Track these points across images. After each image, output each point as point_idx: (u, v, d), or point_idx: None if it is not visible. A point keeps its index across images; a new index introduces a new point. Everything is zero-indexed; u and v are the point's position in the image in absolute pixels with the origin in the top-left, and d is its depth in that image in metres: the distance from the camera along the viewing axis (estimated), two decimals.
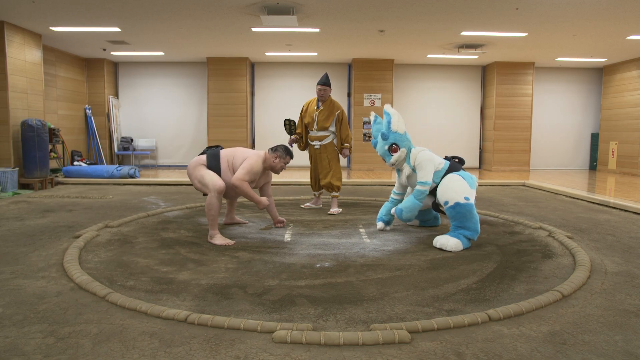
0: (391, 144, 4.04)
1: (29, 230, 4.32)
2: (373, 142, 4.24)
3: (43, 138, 7.32)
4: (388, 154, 4.07)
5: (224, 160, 4.03)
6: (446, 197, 3.79)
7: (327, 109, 5.16)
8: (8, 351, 1.98)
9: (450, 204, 3.76)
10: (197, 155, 4.17)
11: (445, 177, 3.94)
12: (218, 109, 10.50)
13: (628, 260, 3.45)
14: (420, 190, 3.95)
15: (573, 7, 6.09)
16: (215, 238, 3.86)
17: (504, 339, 2.13)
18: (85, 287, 2.73)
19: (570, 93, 11.49)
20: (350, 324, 2.28)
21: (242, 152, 4.10)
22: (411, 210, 3.98)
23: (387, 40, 8.32)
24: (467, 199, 3.75)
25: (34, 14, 6.65)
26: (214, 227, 3.89)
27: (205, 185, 3.89)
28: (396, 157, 4.05)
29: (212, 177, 3.88)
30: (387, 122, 4.06)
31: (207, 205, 3.84)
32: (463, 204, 3.72)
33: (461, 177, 3.88)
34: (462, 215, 3.73)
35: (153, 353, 1.97)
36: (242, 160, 4.01)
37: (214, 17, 6.76)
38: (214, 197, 3.82)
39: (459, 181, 3.85)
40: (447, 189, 3.81)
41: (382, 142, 4.08)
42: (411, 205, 3.97)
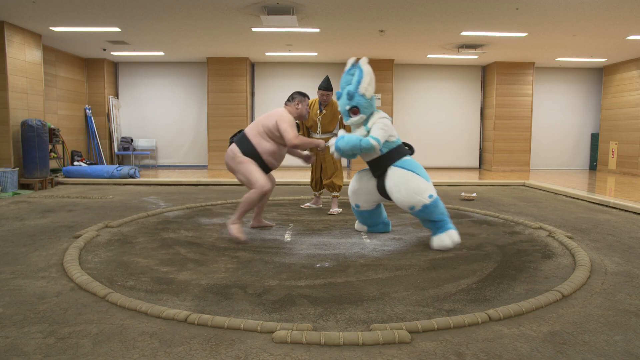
0: (353, 106, 3.79)
1: (29, 230, 4.32)
2: (338, 93, 3.89)
3: (43, 138, 7.32)
4: (347, 114, 3.86)
5: (253, 135, 3.97)
6: (410, 203, 3.63)
7: (330, 113, 5.17)
8: (8, 351, 1.98)
9: (418, 208, 3.63)
10: (230, 146, 4.06)
11: (395, 174, 3.73)
12: (218, 109, 10.50)
13: (628, 260, 3.45)
14: (370, 143, 3.66)
15: (573, 7, 6.09)
16: (233, 227, 3.86)
17: (504, 339, 2.13)
18: (85, 287, 2.73)
19: (570, 93, 11.49)
20: (351, 324, 2.28)
21: (266, 117, 4.01)
22: (348, 144, 3.70)
23: (387, 40, 8.32)
24: (431, 197, 3.62)
25: (34, 14, 6.65)
26: (240, 217, 3.90)
27: (252, 182, 3.86)
28: (354, 120, 3.84)
29: (260, 176, 3.85)
30: (357, 81, 3.76)
31: (247, 199, 3.84)
32: (430, 204, 3.61)
33: (412, 171, 3.69)
34: (432, 212, 3.65)
35: (153, 353, 1.97)
36: (273, 122, 3.92)
37: (214, 17, 6.76)
38: (255, 195, 3.82)
39: (416, 180, 3.65)
40: (409, 193, 3.61)
41: (345, 100, 3.80)
42: (353, 142, 3.69)
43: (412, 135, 11.23)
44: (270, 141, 3.97)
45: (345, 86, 3.88)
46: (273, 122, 3.93)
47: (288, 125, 3.88)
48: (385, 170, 3.85)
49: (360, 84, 3.74)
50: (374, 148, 3.70)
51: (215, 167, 10.59)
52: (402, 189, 3.65)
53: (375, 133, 3.72)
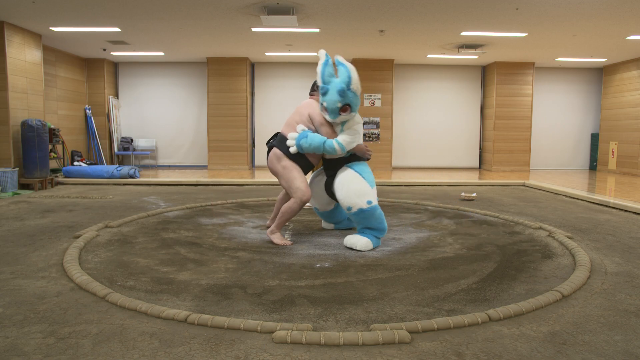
0: (345, 104, 3.61)
1: (29, 230, 4.32)
2: (324, 88, 3.65)
3: (43, 138, 7.32)
4: (337, 112, 3.64)
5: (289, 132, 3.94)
6: (349, 203, 3.65)
7: None
8: (8, 351, 1.98)
9: (354, 210, 3.66)
10: (272, 150, 4.02)
11: (344, 173, 3.74)
12: (218, 109, 10.50)
13: (628, 260, 3.45)
14: (333, 146, 3.66)
15: (573, 7, 6.09)
16: (275, 236, 3.87)
17: (504, 339, 2.13)
18: (85, 287, 2.73)
19: (570, 93, 11.49)
20: (350, 324, 2.28)
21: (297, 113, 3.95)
22: (311, 145, 3.70)
23: (387, 40, 8.32)
24: (369, 203, 3.64)
25: (34, 14, 6.65)
26: (280, 227, 3.91)
27: (294, 190, 3.83)
28: (343, 118, 3.68)
29: (302, 185, 3.82)
30: (348, 78, 3.58)
31: (287, 208, 3.83)
32: (366, 209, 3.63)
33: (360, 174, 3.71)
34: (367, 219, 3.67)
35: (153, 353, 1.97)
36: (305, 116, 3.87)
37: (214, 17, 6.76)
38: (296, 205, 3.81)
39: (360, 183, 3.67)
40: (349, 194, 3.64)
41: (336, 97, 3.58)
42: (316, 143, 3.69)
43: (412, 136, 11.25)
44: None
45: (330, 80, 3.65)
46: (305, 117, 3.89)
47: (323, 119, 3.82)
48: (336, 170, 3.89)
49: (351, 82, 3.59)
50: (336, 152, 3.71)
51: (215, 167, 10.59)
52: (344, 188, 3.69)
53: (342, 138, 3.69)
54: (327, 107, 3.66)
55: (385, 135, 10.67)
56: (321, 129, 3.82)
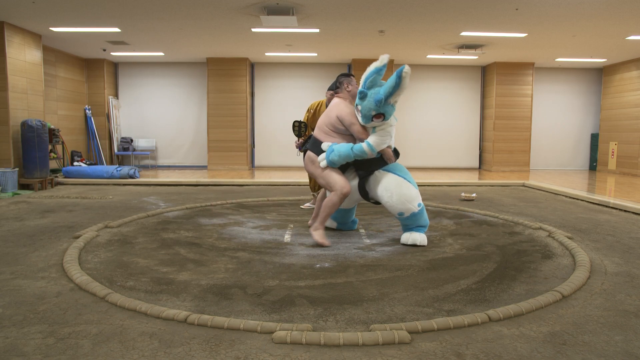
0: (380, 113, 3.61)
1: (29, 230, 4.32)
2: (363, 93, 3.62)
3: (43, 138, 7.32)
4: (370, 119, 3.64)
5: (322, 137, 3.94)
6: (400, 209, 3.71)
7: None
8: (8, 352, 1.98)
9: (406, 215, 3.73)
10: (307, 154, 4.01)
11: (388, 179, 3.77)
12: (218, 109, 10.49)
13: (628, 260, 3.45)
14: (362, 149, 3.67)
15: (573, 7, 6.09)
16: (317, 233, 3.85)
17: (503, 339, 2.13)
18: (85, 288, 2.73)
19: (570, 93, 11.49)
20: (350, 325, 2.28)
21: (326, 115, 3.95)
22: (340, 156, 3.72)
23: (387, 40, 8.31)
24: (420, 205, 3.74)
25: (34, 15, 6.65)
26: (323, 222, 3.89)
27: (332, 185, 3.82)
28: (374, 124, 3.69)
29: (339, 179, 3.81)
30: (391, 90, 3.55)
31: (328, 202, 3.82)
32: (417, 212, 3.73)
33: (404, 178, 3.76)
34: (417, 219, 3.76)
35: (153, 353, 1.97)
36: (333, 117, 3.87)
37: (214, 17, 6.76)
38: (337, 198, 3.79)
39: (408, 187, 3.72)
40: (401, 200, 3.68)
41: (373, 105, 3.58)
42: (345, 153, 3.72)
43: (412, 136, 11.24)
44: (337, 136, 3.91)
45: (372, 87, 3.64)
46: (334, 118, 3.89)
47: (352, 118, 3.81)
48: (370, 172, 3.87)
49: (393, 95, 3.58)
50: (366, 154, 3.71)
51: (215, 167, 10.59)
52: (393, 194, 3.71)
53: (372, 139, 3.70)
54: (361, 110, 3.67)
55: None
56: (352, 128, 3.81)
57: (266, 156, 11.31)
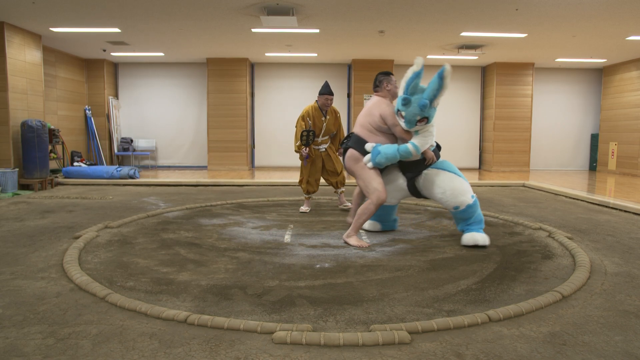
0: (424, 117, 3.67)
1: (29, 231, 4.32)
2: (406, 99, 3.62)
3: (43, 139, 7.32)
4: (414, 123, 3.69)
5: (365, 135, 3.96)
6: (455, 203, 3.79)
7: (332, 116, 5.35)
8: (8, 352, 1.98)
9: (462, 208, 3.80)
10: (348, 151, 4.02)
11: (438, 176, 3.85)
12: (218, 109, 10.49)
13: (628, 260, 3.45)
14: (408, 150, 3.74)
15: (573, 8, 6.10)
16: (351, 238, 3.87)
17: (503, 339, 2.13)
18: (85, 288, 2.73)
19: (570, 94, 11.49)
20: (350, 325, 2.28)
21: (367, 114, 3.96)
22: (387, 158, 3.79)
23: (387, 40, 8.32)
24: (473, 197, 3.82)
25: (34, 15, 6.65)
26: (357, 229, 3.90)
27: (371, 191, 3.85)
28: (418, 128, 3.75)
29: (379, 186, 3.84)
30: (435, 92, 3.62)
31: (364, 209, 3.85)
32: (472, 204, 3.81)
33: (454, 172, 3.86)
34: (473, 212, 3.83)
35: (153, 354, 1.97)
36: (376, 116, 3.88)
37: (213, 17, 6.76)
38: (373, 206, 3.83)
39: (459, 181, 3.83)
40: (455, 193, 3.77)
41: (417, 110, 3.62)
42: (391, 154, 3.77)
43: None
44: (380, 135, 3.94)
45: (413, 92, 3.65)
46: (377, 117, 3.91)
47: (395, 119, 3.85)
48: (418, 173, 3.95)
49: (437, 97, 3.65)
50: (411, 155, 3.78)
51: (215, 167, 10.59)
52: (447, 190, 3.81)
53: (417, 140, 3.77)
54: (405, 116, 3.70)
55: None
56: (395, 129, 3.87)
57: (266, 156, 11.32)
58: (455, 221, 4.04)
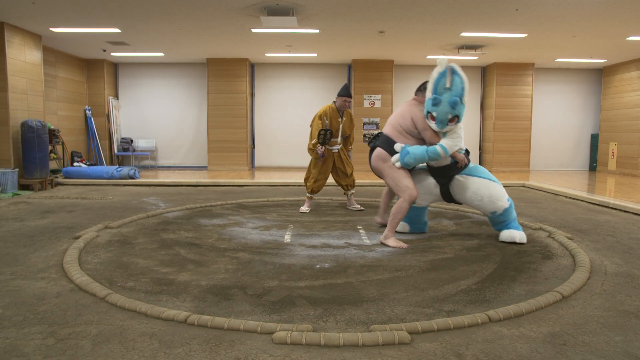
0: (455, 115, 3.69)
1: (29, 231, 4.32)
2: (436, 99, 3.65)
3: (43, 139, 7.32)
4: (446, 123, 3.71)
5: (395, 136, 3.99)
6: (493, 208, 3.85)
7: (348, 118, 5.43)
8: (8, 352, 1.98)
9: (499, 212, 3.86)
10: (376, 150, 4.04)
11: (473, 184, 3.89)
12: (218, 109, 10.50)
13: (628, 261, 3.45)
14: (437, 151, 3.77)
15: (573, 8, 6.10)
16: (389, 240, 3.88)
17: (504, 339, 2.13)
18: (85, 288, 2.73)
19: (570, 94, 11.49)
20: (350, 325, 2.28)
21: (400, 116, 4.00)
22: (415, 158, 3.82)
23: (387, 41, 8.32)
24: (509, 200, 3.87)
25: (34, 15, 6.65)
26: (393, 229, 3.91)
27: (401, 189, 3.88)
28: (449, 128, 3.77)
29: (409, 184, 3.87)
30: (462, 90, 3.65)
31: (398, 208, 3.87)
32: (509, 207, 3.86)
33: (488, 178, 3.91)
34: (510, 214, 3.89)
35: (153, 354, 1.97)
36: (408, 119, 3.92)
37: (213, 18, 6.76)
38: (406, 203, 3.85)
39: (494, 187, 3.86)
40: (492, 199, 3.82)
41: (448, 109, 3.65)
42: (420, 155, 3.81)
43: None
44: (411, 138, 3.98)
45: (443, 92, 3.68)
46: (408, 120, 3.95)
47: (425, 123, 3.88)
48: (451, 178, 3.98)
49: (464, 93, 3.68)
50: (439, 157, 3.80)
51: (215, 167, 10.59)
52: (483, 197, 3.86)
53: (445, 142, 3.79)
54: (436, 117, 3.72)
55: None
56: (425, 133, 3.90)
57: (266, 157, 11.32)
58: (490, 223, 4.13)
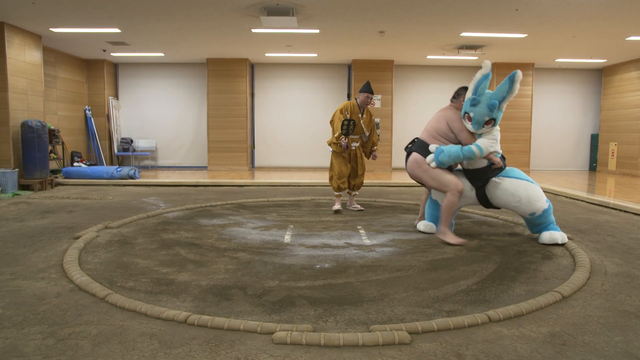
0: (492, 118, 3.77)
1: (29, 231, 4.32)
2: (476, 100, 3.73)
3: (43, 139, 7.32)
4: (482, 124, 3.80)
5: (429, 140, 4.05)
6: (532, 209, 3.84)
7: (368, 116, 5.42)
8: (8, 352, 1.98)
9: (539, 213, 3.85)
10: (411, 156, 4.11)
11: (513, 184, 3.88)
12: (218, 110, 10.50)
13: (628, 261, 3.45)
14: (472, 150, 3.81)
15: (573, 8, 6.10)
16: (447, 235, 3.89)
17: (504, 340, 2.13)
18: (85, 288, 2.73)
19: (570, 94, 11.50)
20: (350, 325, 2.28)
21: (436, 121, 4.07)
22: (450, 157, 3.85)
23: (387, 41, 8.32)
24: (547, 202, 3.87)
25: (34, 15, 6.66)
26: (447, 224, 3.93)
27: (445, 184, 3.91)
28: (485, 131, 3.83)
29: (451, 177, 3.91)
30: (505, 94, 3.71)
31: (447, 203, 3.89)
32: (548, 208, 3.85)
33: (525, 179, 3.91)
34: (548, 215, 3.88)
35: (153, 354, 1.97)
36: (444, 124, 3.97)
37: (213, 18, 6.76)
38: (455, 197, 3.88)
39: (533, 188, 3.87)
40: (531, 201, 3.81)
41: (486, 111, 3.73)
42: (454, 153, 3.85)
43: (412, 136, 11.22)
44: (446, 143, 4.03)
45: (483, 93, 3.77)
46: (444, 124, 4.00)
47: (462, 125, 3.95)
48: (487, 181, 3.98)
49: (506, 100, 3.74)
50: (475, 156, 3.82)
51: (215, 167, 10.59)
52: (522, 198, 3.85)
53: (481, 142, 3.82)
54: (473, 117, 3.79)
55: (385, 136, 10.67)
56: (461, 135, 3.95)
57: (266, 157, 11.32)
58: (527, 225, 4.10)
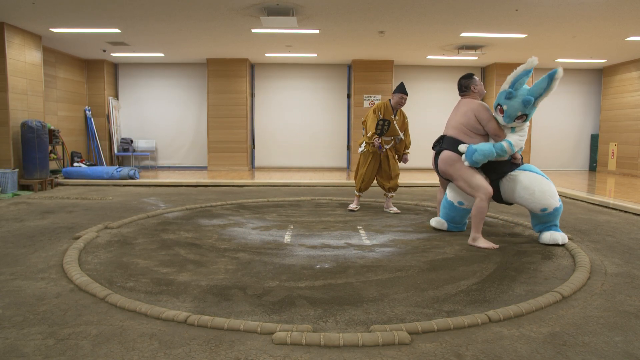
0: (525, 114, 3.74)
1: (29, 231, 4.32)
2: (511, 93, 3.72)
3: (43, 139, 7.32)
4: (514, 119, 3.76)
5: (460, 137, 4.00)
6: (544, 205, 3.79)
7: (402, 117, 5.44)
8: (8, 352, 1.98)
9: (550, 210, 3.81)
10: (442, 153, 4.04)
11: (528, 176, 3.84)
12: (218, 110, 10.50)
13: (628, 261, 3.45)
14: (504, 147, 3.78)
15: (573, 8, 6.10)
16: (479, 241, 3.84)
17: (503, 340, 2.13)
18: (84, 289, 2.73)
19: (570, 94, 11.49)
20: (350, 325, 2.28)
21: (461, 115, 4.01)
22: (484, 155, 3.80)
23: (387, 41, 8.32)
24: (559, 201, 3.85)
25: (34, 15, 6.66)
26: (479, 229, 3.87)
27: (475, 188, 3.86)
28: (515, 125, 3.79)
29: (482, 181, 3.86)
30: (542, 91, 3.71)
31: (477, 209, 3.83)
32: (559, 206, 3.82)
33: (541, 175, 3.88)
34: (557, 214, 3.85)
35: (153, 354, 1.97)
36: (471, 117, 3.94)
37: (213, 18, 6.77)
38: (484, 202, 3.82)
39: (547, 183, 3.83)
40: (544, 195, 3.77)
41: (520, 106, 3.69)
42: (487, 151, 3.80)
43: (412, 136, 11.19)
44: (476, 137, 3.97)
45: (520, 88, 3.77)
46: (471, 117, 3.94)
47: (489, 114, 3.91)
48: (503, 174, 3.95)
49: (542, 97, 3.71)
50: (506, 153, 3.81)
51: (215, 168, 10.59)
52: (535, 191, 3.79)
53: (513, 139, 3.80)
54: (506, 110, 3.75)
55: None
56: (489, 125, 3.90)
57: (266, 157, 11.32)
58: (532, 221, 4.04)
